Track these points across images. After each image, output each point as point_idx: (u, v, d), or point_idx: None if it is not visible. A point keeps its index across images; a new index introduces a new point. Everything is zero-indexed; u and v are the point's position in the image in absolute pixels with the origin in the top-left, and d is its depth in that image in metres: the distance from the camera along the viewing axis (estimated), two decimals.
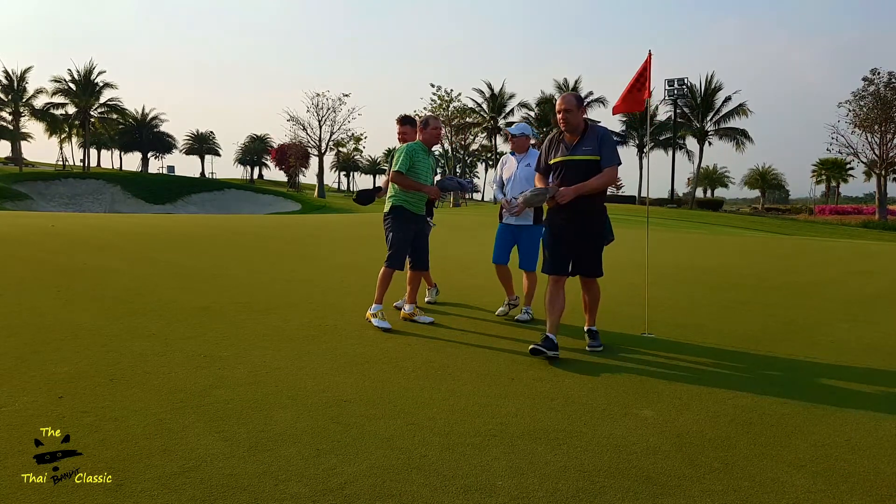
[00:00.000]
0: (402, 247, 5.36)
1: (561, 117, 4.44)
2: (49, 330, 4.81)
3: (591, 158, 4.38)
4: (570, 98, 4.48)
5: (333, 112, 62.70)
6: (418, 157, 5.35)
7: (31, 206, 44.49)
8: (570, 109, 4.40)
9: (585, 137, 4.43)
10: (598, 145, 4.39)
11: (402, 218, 5.38)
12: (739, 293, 7.62)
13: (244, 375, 3.83)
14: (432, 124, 5.46)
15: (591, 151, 4.39)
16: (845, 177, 78.78)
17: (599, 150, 4.39)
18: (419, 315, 5.52)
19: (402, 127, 5.82)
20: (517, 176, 5.56)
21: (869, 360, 4.57)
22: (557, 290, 4.51)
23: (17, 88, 62.37)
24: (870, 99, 47.51)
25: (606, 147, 4.42)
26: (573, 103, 4.43)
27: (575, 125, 4.44)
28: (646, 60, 5.37)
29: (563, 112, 4.42)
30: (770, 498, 2.44)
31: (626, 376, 4.02)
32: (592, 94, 60.14)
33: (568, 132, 4.48)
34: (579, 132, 4.45)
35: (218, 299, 6.26)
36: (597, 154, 4.38)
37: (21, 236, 11.77)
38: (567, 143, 4.48)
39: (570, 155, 4.43)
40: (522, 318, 5.57)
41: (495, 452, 2.80)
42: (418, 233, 5.50)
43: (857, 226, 43.82)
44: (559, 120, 4.46)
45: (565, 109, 4.41)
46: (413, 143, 5.44)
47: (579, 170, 4.38)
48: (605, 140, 4.44)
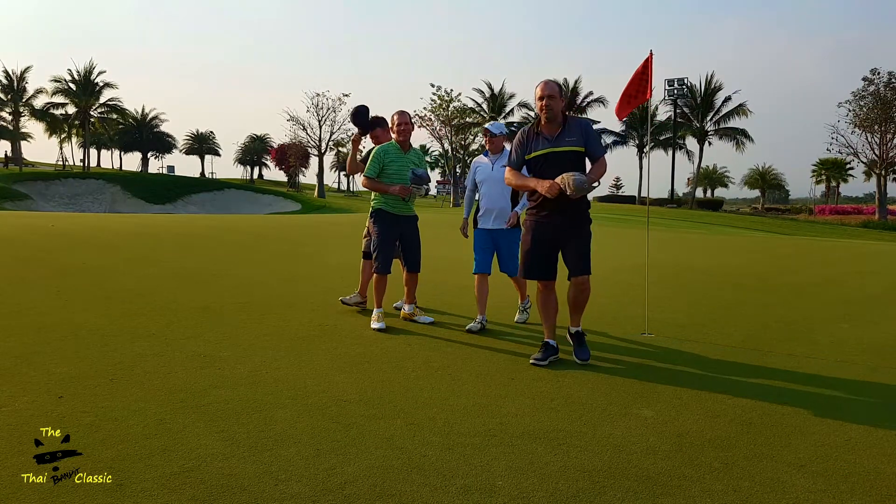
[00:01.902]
0: (385, 248, 5.27)
1: (543, 104, 4.14)
2: (49, 330, 4.81)
3: (576, 150, 4.16)
4: (553, 85, 4.19)
5: (333, 112, 62.67)
6: (390, 158, 5.25)
7: (31, 206, 44.47)
8: (553, 96, 4.13)
9: (568, 128, 4.19)
10: (581, 136, 4.18)
11: (382, 220, 5.32)
12: (739, 293, 7.62)
13: (244, 375, 3.83)
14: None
15: (575, 143, 4.16)
16: (845, 177, 78.74)
17: (585, 141, 4.18)
18: (419, 315, 5.51)
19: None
20: (493, 177, 5.28)
21: (869, 360, 4.57)
22: (549, 293, 4.38)
23: (17, 88, 62.36)
24: (870, 99, 47.52)
25: (593, 137, 4.23)
26: (556, 90, 4.16)
27: (556, 114, 4.17)
28: (646, 60, 5.36)
29: (546, 99, 4.13)
30: (770, 498, 2.44)
31: (626, 376, 4.02)
32: (592, 94, 60.02)
33: (548, 122, 4.20)
34: (559, 123, 4.20)
35: (218, 299, 6.26)
36: (581, 145, 4.16)
37: (21, 236, 11.77)
38: (547, 135, 4.21)
39: (552, 147, 4.17)
40: (521, 320, 5.57)
41: (495, 452, 2.80)
42: (405, 234, 5.39)
43: (857, 226, 43.81)
44: (541, 107, 4.15)
45: (548, 96, 4.13)
46: (384, 144, 5.37)
47: (564, 162, 4.13)
48: (590, 130, 4.25)
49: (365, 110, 5.82)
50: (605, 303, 5.31)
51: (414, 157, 5.41)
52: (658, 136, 60.79)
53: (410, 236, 5.43)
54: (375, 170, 5.25)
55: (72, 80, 63.89)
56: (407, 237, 5.41)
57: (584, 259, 4.24)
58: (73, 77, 63.98)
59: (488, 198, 5.30)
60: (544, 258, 4.30)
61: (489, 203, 5.30)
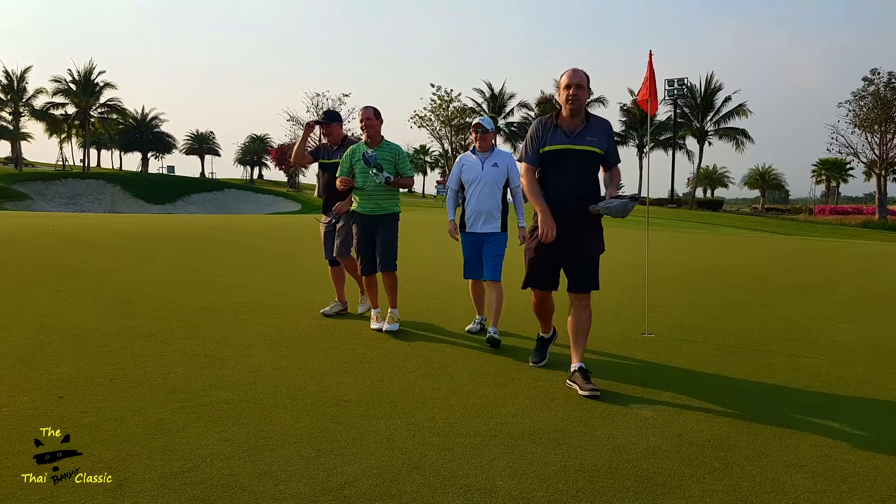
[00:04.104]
0: (361, 250, 5.17)
1: (570, 93, 3.69)
2: (49, 330, 4.81)
3: (596, 151, 3.77)
4: (582, 74, 3.74)
5: None
6: (356, 157, 5.07)
7: (31, 206, 44.49)
8: (581, 86, 3.71)
9: (590, 126, 3.78)
10: (604, 138, 3.80)
11: (355, 222, 5.21)
12: (739, 293, 7.62)
13: (244, 375, 3.83)
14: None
15: (596, 143, 3.76)
16: (845, 177, 78.75)
17: (606, 143, 3.81)
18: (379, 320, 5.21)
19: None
20: (483, 177, 4.89)
21: (869, 360, 4.57)
22: (545, 300, 4.01)
23: (17, 88, 62.39)
24: (870, 99, 47.58)
25: (614, 142, 3.88)
26: (585, 80, 3.73)
27: (581, 107, 3.76)
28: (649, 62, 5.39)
29: (573, 88, 3.69)
30: (770, 498, 2.43)
31: (626, 376, 4.02)
32: (592, 94, 60.01)
33: (571, 115, 3.76)
34: (582, 119, 3.78)
35: (218, 299, 6.26)
36: (602, 148, 3.79)
37: (21, 236, 11.77)
38: (567, 129, 3.77)
39: (571, 144, 3.75)
40: (495, 338, 4.68)
41: (495, 452, 2.80)
42: (378, 232, 5.09)
43: (857, 226, 43.81)
44: (567, 97, 3.71)
45: (576, 85, 3.69)
46: (355, 144, 5.20)
47: (583, 162, 3.77)
48: (612, 134, 3.87)
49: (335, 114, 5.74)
50: (605, 303, 5.30)
51: (387, 152, 5.08)
52: (658, 136, 60.82)
53: (382, 234, 5.08)
54: (344, 170, 5.11)
55: (72, 81, 63.96)
56: (379, 235, 5.08)
57: (592, 273, 3.81)
58: (74, 77, 64.06)
59: (477, 199, 4.92)
60: (552, 266, 3.85)
61: (478, 205, 4.92)
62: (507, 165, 4.97)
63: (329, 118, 5.64)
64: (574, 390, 3.66)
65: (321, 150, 5.76)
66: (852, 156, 49.97)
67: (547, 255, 3.82)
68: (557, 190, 3.79)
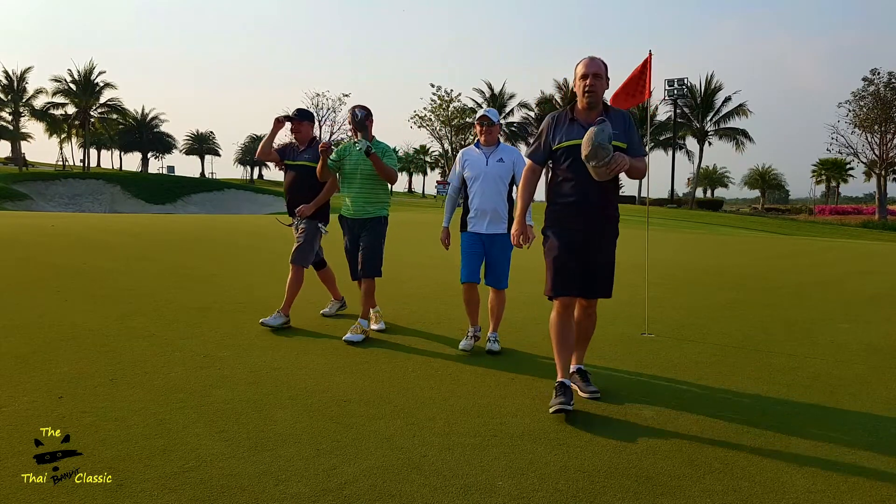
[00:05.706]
0: (347, 256, 5.12)
1: (587, 83, 3.36)
2: (49, 330, 4.81)
3: (617, 145, 3.37)
4: (600, 62, 3.42)
5: (333, 112, 62.61)
6: (345, 153, 4.97)
7: (31, 206, 44.46)
8: (598, 75, 3.37)
9: (610, 118, 3.42)
10: (624, 130, 3.46)
11: (341, 226, 5.12)
12: (739, 293, 7.62)
13: (244, 375, 3.83)
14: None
15: (618, 136, 3.39)
16: (845, 177, 78.75)
17: (627, 135, 3.46)
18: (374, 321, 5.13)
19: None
20: (488, 173, 4.54)
21: (869, 360, 4.57)
22: (568, 316, 3.48)
23: (17, 88, 62.33)
24: (870, 99, 47.58)
25: (636, 133, 3.52)
26: (602, 69, 3.40)
27: (599, 99, 3.45)
28: (645, 60, 5.37)
29: (590, 77, 3.36)
30: (770, 498, 2.43)
31: (626, 376, 4.02)
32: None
33: (589, 107, 3.43)
34: (600, 111, 3.46)
35: (218, 299, 6.26)
36: (623, 141, 3.43)
37: (21, 236, 11.77)
38: (584, 123, 3.42)
39: None
40: (494, 349, 4.54)
41: (495, 452, 2.80)
42: (362, 236, 4.95)
43: (857, 226, 43.80)
44: (584, 87, 3.39)
45: (593, 74, 3.36)
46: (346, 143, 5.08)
47: None
48: (633, 125, 3.52)
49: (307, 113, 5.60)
50: (605, 303, 5.25)
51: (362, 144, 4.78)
52: (658, 136, 60.80)
53: (366, 239, 4.91)
54: (332, 166, 5.00)
55: (72, 81, 63.89)
56: (364, 240, 4.93)
57: (608, 278, 3.60)
58: (74, 77, 63.99)
59: (481, 197, 4.54)
60: (572, 272, 3.46)
61: (482, 203, 4.54)
62: (514, 161, 4.60)
63: (301, 116, 5.49)
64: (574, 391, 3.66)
65: (288, 149, 5.58)
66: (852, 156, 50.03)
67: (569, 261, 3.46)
68: (578, 188, 3.44)
